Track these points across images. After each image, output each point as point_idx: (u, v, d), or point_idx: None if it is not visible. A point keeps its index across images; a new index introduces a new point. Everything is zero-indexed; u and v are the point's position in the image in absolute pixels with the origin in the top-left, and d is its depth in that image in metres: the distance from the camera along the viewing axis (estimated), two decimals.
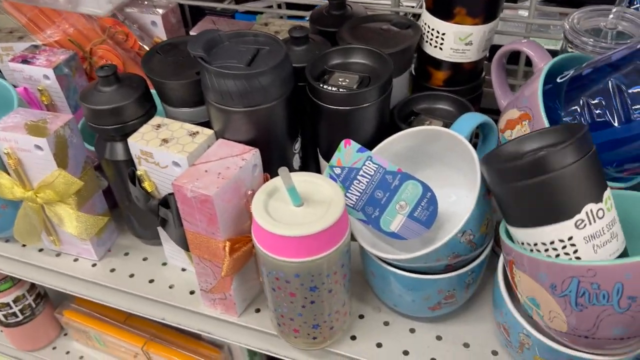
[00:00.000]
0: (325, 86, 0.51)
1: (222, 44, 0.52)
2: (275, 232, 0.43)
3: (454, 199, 0.56)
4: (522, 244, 0.42)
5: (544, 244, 0.40)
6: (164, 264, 0.64)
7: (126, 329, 0.83)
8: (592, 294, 0.37)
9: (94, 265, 0.65)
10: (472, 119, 0.50)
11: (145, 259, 0.65)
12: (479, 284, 0.57)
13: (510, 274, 0.44)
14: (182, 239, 0.53)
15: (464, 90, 0.61)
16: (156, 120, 0.55)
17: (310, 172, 0.49)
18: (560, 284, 0.38)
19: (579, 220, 0.39)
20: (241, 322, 0.57)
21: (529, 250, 0.41)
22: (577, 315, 0.39)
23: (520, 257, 0.41)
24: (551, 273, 0.39)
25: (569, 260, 0.39)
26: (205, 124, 0.54)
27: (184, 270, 0.63)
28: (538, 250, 0.41)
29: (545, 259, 0.39)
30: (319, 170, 0.60)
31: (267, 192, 0.47)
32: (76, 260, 0.65)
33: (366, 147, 0.50)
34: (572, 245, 0.39)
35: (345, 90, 0.50)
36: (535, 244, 0.40)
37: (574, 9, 0.57)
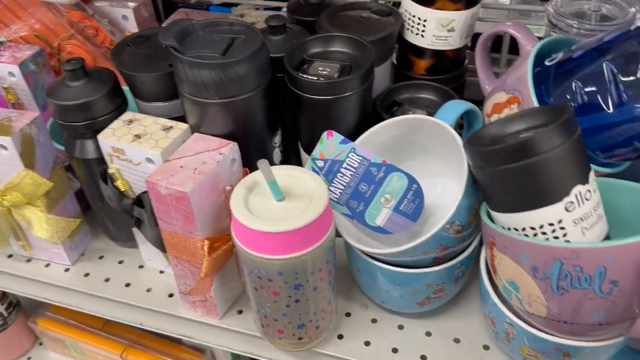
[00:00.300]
0: (304, 75, 0.49)
1: (195, 33, 0.50)
2: (255, 228, 0.41)
3: (440, 190, 0.54)
4: (509, 229, 0.40)
5: (532, 228, 0.38)
6: (141, 266, 0.61)
7: (104, 336, 0.80)
8: (574, 276, 0.36)
9: (67, 270, 0.62)
10: (457, 106, 0.49)
11: (121, 262, 0.62)
12: (468, 277, 0.56)
13: (490, 256, 0.42)
14: (158, 240, 0.51)
15: (447, 79, 0.59)
16: (128, 115, 0.52)
17: (291, 165, 0.47)
18: (542, 266, 0.37)
19: (569, 202, 0.38)
20: (223, 325, 0.54)
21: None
22: (557, 299, 0.38)
23: (502, 239, 0.39)
24: (533, 255, 0.37)
25: (552, 241, 0.38)
26: (180, 118, 0.52)
27: (162, 272, 0.60)
28: (526, 235, 0.39)
29: (528, 240, 0.38)
30: (300, 164, 0.58)
31: (246, 187, 0.45)
32: (48, 265, 0.62)
33: (349, 138, 0.48)
34: (562, 228, 0.38)
35: (325, 79, 0.48)
36: (524, 229, 0.39)
37: None
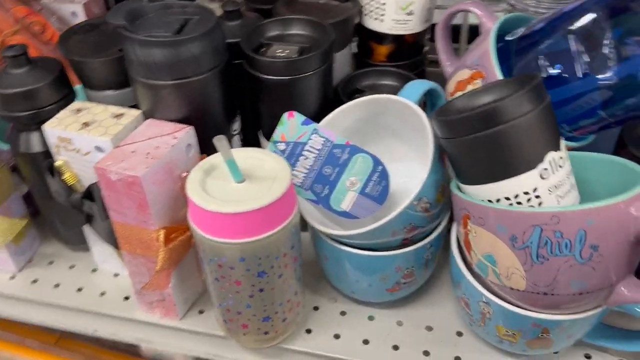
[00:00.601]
0: (263, 57, 0.47)
1: (146, 15, 0.47)
2: (213, 209, 0.38)
3: (406, 175, 0.53)
4: (482, 201, 0.39)
5: (507, 198, 0.37)
6: (94, 270, 0.57)
7: (57, 353, 0.74)
8: (555, 243, 0.35)
9: (12, 277, 0.57)
10: (420, 85, 0.47)
11: (72, 266, 0.58)
12: (437, 263, 0.54)
13: (463, 232, 0.41)
14: (111, 234, 0.48)
15: (407, 65, 0.58)
16: (76, 105, 0.49)
17: (252, 148, 0.44)
18: (522, 234, 0.36)
19: (543, 169, 0.37)
20: (183, 326, 0.51)
21: None
22: (537, 268, 0.36)
23: (478, 210, 0.38)
24: (512, 224, 0.36)
25: (532, 208, 0.36)
26: (133, 108, 0.49)
27: (117, 275, 0.57)
28: None
29: (506, 208, 0.37)
30: None
31: (203, 170, 0.42)
32: None
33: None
34: (537, 197, 0.37)
35: (284, 58, 0.47)
36: (498, 200, 0.38)
37: None
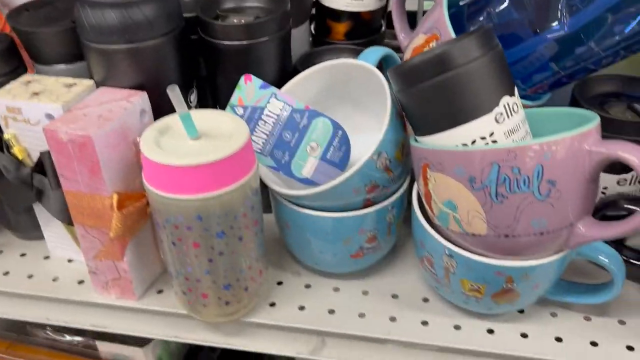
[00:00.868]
0: (219, 21, 0.47)
1: None
2: (166, 162, 0.37)
3: (368, 145, 0.53)
4: (440, 146, 0.39)
5: (465, 145, 0.37)
6: (47, 257, 0.55)
7: None
8: (513, 180, 0.35)
9: None
10: (377, 51, 0.48)
11: (23, 254, 0.55)
12: (401, 235, 0.54)
13: (423, 183, 0.40)
14: (62, 208, 0.46)
15: (366, 43, 0.59)
16: (26, 77, 0.47)
17: (209, 109, 0.44)
18: (480, 174, 0.36)
19: (498, 113, 0.37)
20: (141, 306, 0.49)
21: None
22: (497, 209, 0.36)
23: (437, 156, 0.38)
24: (470, 164, 0.36)
25: (488, 145, 0.37)
26: None
27: (71, 261, 0.54)
28: None
29: (464, 149, 0.37)
30: None
31: (158, 130, 0.41)
32: None
33: None
34: (494, 142, 0.37)
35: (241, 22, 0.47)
36: (456, 147, 0.38)
37: None
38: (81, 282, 0.52)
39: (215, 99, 0.52)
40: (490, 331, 0.45)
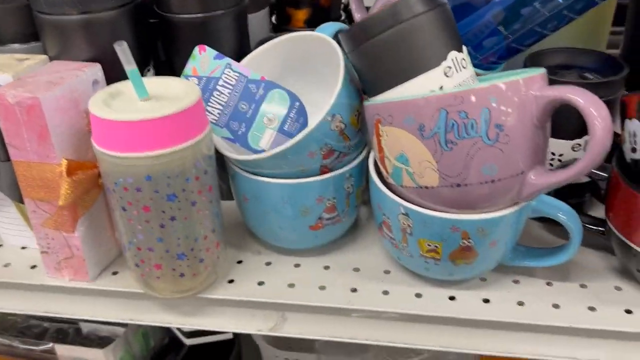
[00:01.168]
0: None
1: None
2: (114, 118, 0.37)
3: None
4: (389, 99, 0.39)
5: None
6: (0, 245, 0.53)
7: None
8: (461, 125, 0.35)
9: None
10: (332, 25, 0.48)
11: None
12: (363, 212, 0.54)
13: (377, 141, 0.40)
14: (12, 184, 0.45)
15: None
16: None
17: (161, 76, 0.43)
18: (429, 121, 0.36)
19: (447, 67, 0.38)
20: (95, 287, 0.47)
21: None
22: (447, 157, 0.36)
23: (386, 109, 0.38)
24: (418, 112, 0.36)
25: (435, 91, 0.37)
26: None
27: (24, 248, 0.52)
28: None
29: (412, 97, 0.37)
30: None
31: (108, 93, 0.41)
32: None
33: None
34: None
35: None
36: (405, 97, 0.38)
37: None
38: (34, 267, 0.50)
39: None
40: (452, 298, 0.44)
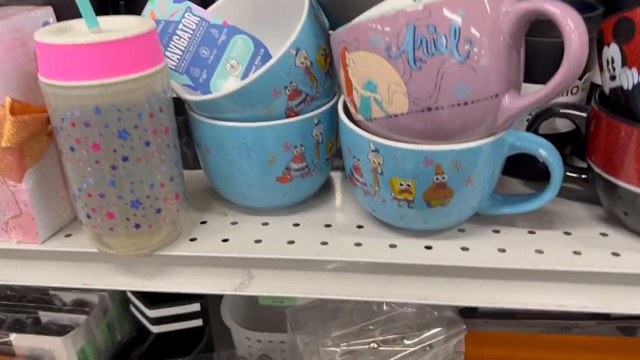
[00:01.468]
0: None
1: None
2: (58, 42, 0.34)
3: None
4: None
5: None
6: None
7: None
8: (430, 40, 0.33)
9: None
10: None
11: None
12: (336, 171, 0.51)
13: (344, 73, 0.38)
14: None
15: None
16: None
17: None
18: (396, 39, 0.34)
19: None
20: (45, 248, 0.44)
21: None
22: (416, 77, 0.34)
23: (352, 32, 0.36)
24: (385, 30, 0.34)
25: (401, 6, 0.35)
26: None
27: None
28: None
29: (376, 14, 0.34)
30: None
31: (58, 27, 0.38)
32: None
33: None
34: None
35: None
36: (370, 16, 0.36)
37: None
38: None
39: None
40: (429, 247, 0.41)
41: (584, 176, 0.44)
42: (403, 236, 0.43)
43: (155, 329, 0.63)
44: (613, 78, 0.38)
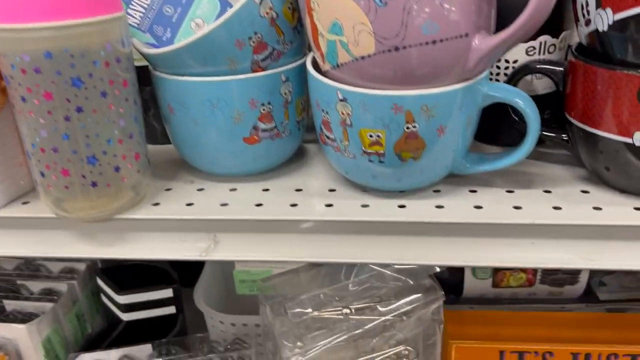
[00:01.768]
0: None
1: None
2: None
3: None
4: None
5: None
6: None
7: None
8: None
9: None
10: None
11: None
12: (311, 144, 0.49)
13: (309, 19, 0.37)
14: None
15: None
16: None
17: None
18: None
19: None
20: (0, 215, 0.41)
21: None
22: (382, 14, 0.33)
23: None
24: None
25: None
26: None
27: None
28: None
29: None
30: None
31: None
32: None
33: None
34: None
35: None
36: None
37: None
38: None
39: None
40: (402, 206, 0.39)
41: (564, 136, 0.43)
42: (376, 197, 0.41)
43: (126, 316, 0.60)
44: (588, 23, 0.37)
